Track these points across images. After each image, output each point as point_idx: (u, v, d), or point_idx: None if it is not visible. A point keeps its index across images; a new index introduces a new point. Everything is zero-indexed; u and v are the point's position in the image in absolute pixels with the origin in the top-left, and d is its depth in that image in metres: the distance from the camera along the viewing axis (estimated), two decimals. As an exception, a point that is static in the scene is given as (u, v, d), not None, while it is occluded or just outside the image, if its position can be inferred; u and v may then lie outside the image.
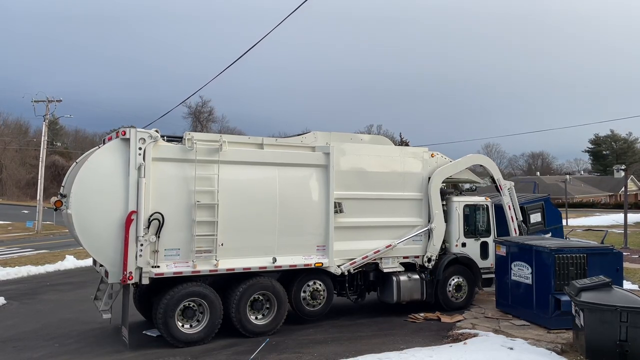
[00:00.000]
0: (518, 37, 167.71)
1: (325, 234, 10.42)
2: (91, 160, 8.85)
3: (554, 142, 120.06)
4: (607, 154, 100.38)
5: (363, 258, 10.85)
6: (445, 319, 11.01)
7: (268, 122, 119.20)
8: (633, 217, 40.24)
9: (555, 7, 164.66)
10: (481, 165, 13.07)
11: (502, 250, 11.46)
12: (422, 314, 11.31)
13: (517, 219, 13.06)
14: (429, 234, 11.63)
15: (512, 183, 13.33)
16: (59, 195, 9.34)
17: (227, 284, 9.77)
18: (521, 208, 13.76)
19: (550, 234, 14.34)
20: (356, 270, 11.00)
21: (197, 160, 9.28)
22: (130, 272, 8.67)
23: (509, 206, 12.94)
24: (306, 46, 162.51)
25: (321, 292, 10.59)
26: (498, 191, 13.02)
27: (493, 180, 13.00)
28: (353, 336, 9.87)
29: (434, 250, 11.65)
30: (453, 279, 11.83)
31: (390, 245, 11.12)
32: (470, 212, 12.50)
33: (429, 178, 11.76)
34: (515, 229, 12.96)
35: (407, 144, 45.52)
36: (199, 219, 9.19)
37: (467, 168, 12.90)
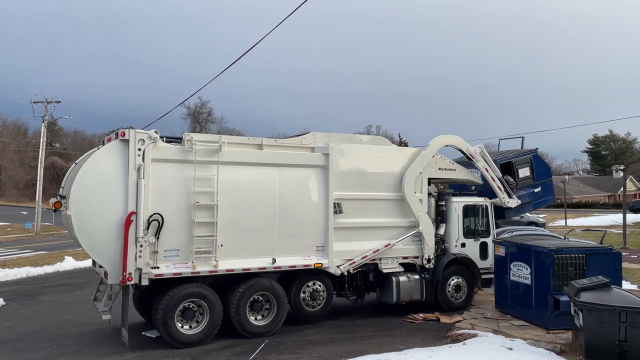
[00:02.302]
0: (518, 38, 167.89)
1: (324, 234, 10.42)
2: (90, 161, 8.84)
3: (553, 143, 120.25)
4: (605, 154, 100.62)
5: (362, 258, 10.85)
6: (444, 319, 11.01)
7: (267, 123, 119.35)
8: (632, 217, 40.31)
9: (555, 8, 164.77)
10: (446, 145, 12.53)
11: (501, 251, 11.48)
12: (421, 315, 11.31)
13: (497, 178, 12.81)
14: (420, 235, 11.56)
15: (481, 145, 12.91)
16: (58, 197, 9.34)
17: (226, 284, 9.77)
18: (509, 163, 13.54)
19: (539, 189, 14.06)
20: (356, 271, 11.00)
21: (197, 161, 9.28)
22: (130, 273, 8.67)
23: (485, 169, 12.69)
24: (305, 47, 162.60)
25: (321, 293, 10.59)
26: (469, 160, 12.73)
27: (462, 153, 12.71)
28: (352, 337, 9.87)
29: (429, 251, 11.64)
30: (452, 280, 11.83)
31: (389, 244, 11.12)
32: (470, 212, 12.49)
33: (402, 177, 11.39)
34: (499, 187, 12.76)
35: (406, 145, 45.52)
36: (198, 219, 9.18)
37: (464, 168, 12.80)
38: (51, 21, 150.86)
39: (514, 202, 13.05)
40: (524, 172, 13.83)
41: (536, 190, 14.05)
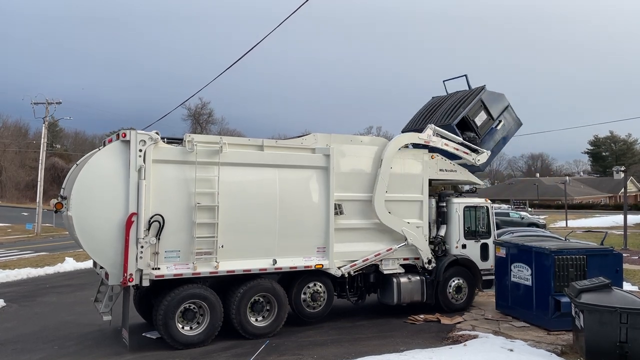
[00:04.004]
0: (518, 39, 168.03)
1: (325, 235, 10.42)
2: (91, 162, 8.85)
3: (554, 144, 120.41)
4: (606, 155, 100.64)
5: (364, 260, 10.85)
6: (445, 320, 11.01)
7: (268, 124, 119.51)
8: (633, 218, 40.28)
9: (555, 9, 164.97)
10: (400, 149, 11.67)
11: (502, 252, 11.47)
12: (421, 316, 11.31)
13: (459, 144, 12.30)
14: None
15: (432, 125, 12.12)
16: (59, 197, 9.34)
17: (227, 285, 9.77)
18: (463, 119, 12.70)
19: (502, 122, 13.40)
20: (356, 272, 11.00)
21: (198, 162, 9.29)
22: (131, 274, 8.67)
23: (445, 145, 12.18)
24: (306, 47, 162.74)
25: (321, 294, 10.59)
26: (425, 147, 12.06)
27: (417, 145, 12.12)
28: (353, 338, 9.87)
29: (426, 254, 11.61)
30: (453, 281, 11.83)
31: (390, 249, 11.13)
32: (470, 213, 12.49)
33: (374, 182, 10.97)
34: (465, 152, 12.35)
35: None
36: (199, 220, 9.19)
37: (465, 169, 12.75)
38: (51, 22, 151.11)
39: (484, 156, 12.66)
40: (480, 118, 13.03)
41: (499, 126, 13.45)
